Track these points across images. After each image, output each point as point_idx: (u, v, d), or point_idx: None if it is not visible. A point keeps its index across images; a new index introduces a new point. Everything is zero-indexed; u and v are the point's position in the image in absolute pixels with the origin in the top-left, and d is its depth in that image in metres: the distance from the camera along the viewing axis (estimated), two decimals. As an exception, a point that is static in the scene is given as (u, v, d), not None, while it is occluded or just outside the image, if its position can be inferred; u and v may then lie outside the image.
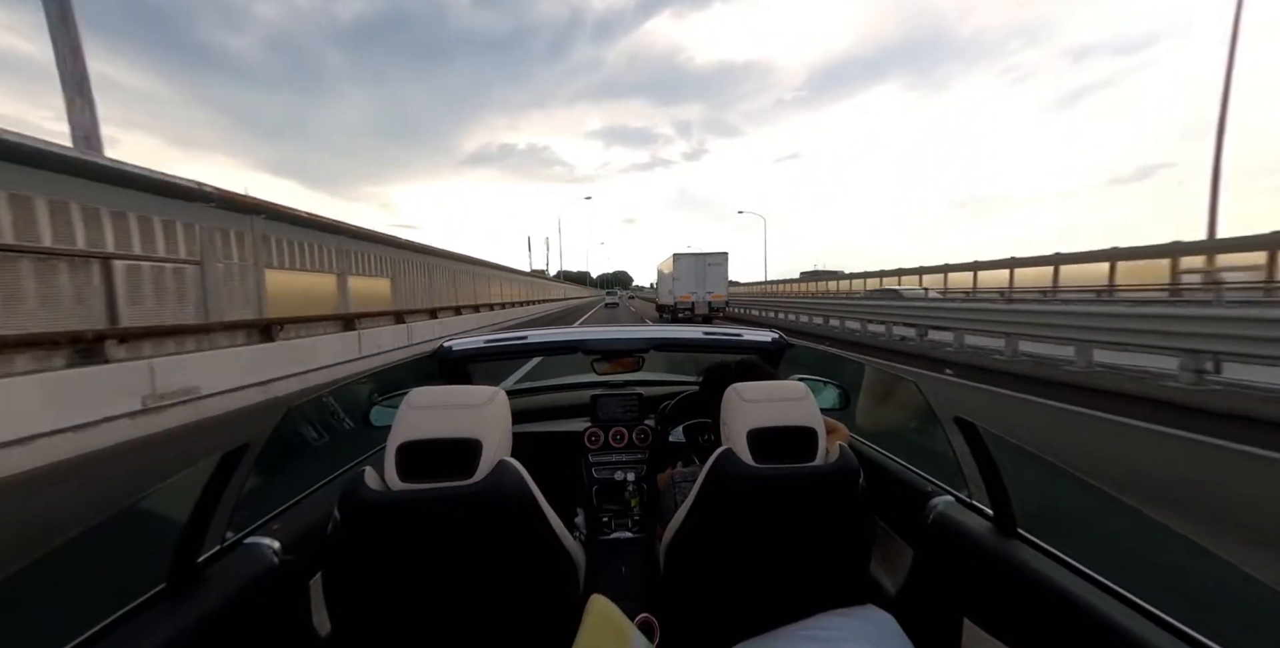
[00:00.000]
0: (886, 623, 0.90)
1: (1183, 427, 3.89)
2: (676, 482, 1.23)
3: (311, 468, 1.22)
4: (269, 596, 0.84)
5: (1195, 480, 2.89)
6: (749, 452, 0.94)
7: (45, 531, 2.58)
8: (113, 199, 5.08)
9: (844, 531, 0.99)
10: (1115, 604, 0.67)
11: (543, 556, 0.90)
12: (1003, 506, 0.86)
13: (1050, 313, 6.30)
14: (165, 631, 0.67)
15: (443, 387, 0.93)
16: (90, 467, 3.65)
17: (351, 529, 0.83)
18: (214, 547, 0.84)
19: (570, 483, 1.64)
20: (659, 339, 1.57)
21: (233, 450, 0.75)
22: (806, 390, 1.00)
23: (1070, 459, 2.62)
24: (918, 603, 1.00)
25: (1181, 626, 0.62)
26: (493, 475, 0.85)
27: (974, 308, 7.78)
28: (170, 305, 5.54)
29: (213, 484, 0.73)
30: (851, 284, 25.74)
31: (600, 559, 1.43)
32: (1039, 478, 0.97)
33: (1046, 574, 0.75)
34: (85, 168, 4.69)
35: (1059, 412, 4.51)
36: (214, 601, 0.74)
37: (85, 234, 4.79)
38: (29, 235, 4.38)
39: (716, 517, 0.96)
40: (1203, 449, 3.44)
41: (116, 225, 5.10)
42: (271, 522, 0.95)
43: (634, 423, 1.71)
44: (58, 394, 3.82)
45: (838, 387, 1.56)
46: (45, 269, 4.48)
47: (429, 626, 0.90)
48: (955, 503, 1.00)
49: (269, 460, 0.97)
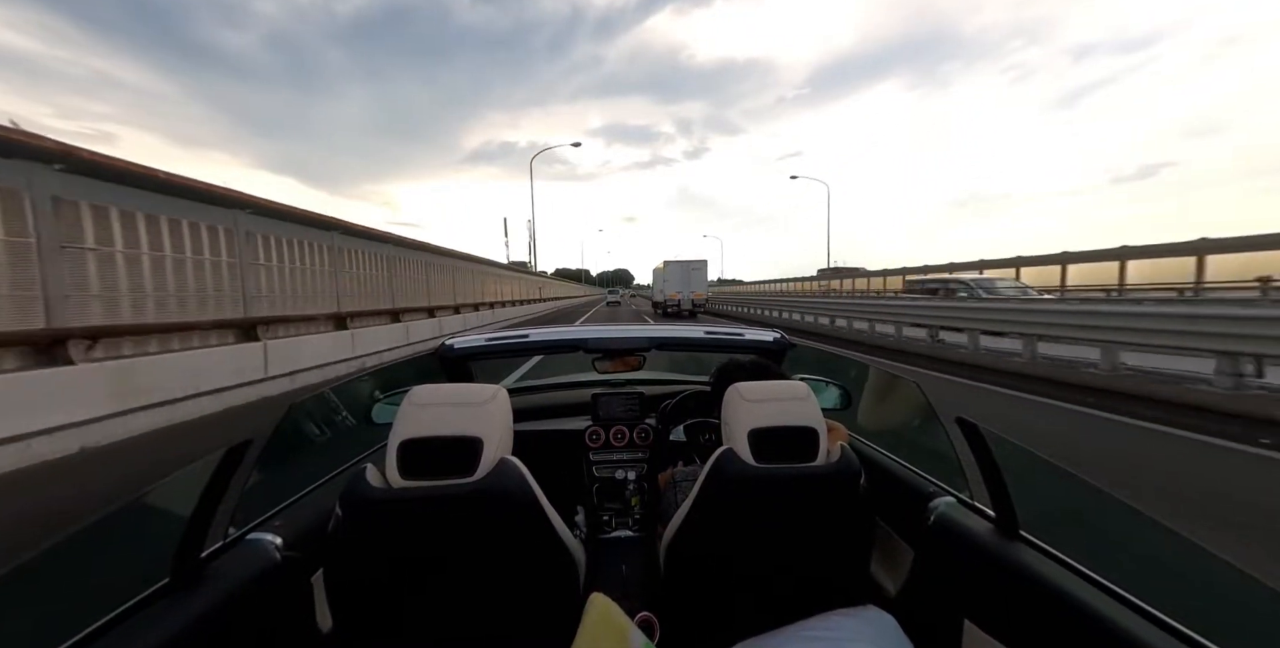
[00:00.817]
0: (887, 624, 0.90)
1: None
2: (677, 481, 1.23)
3: (314, 464, 1.22)
4: (271, 592, 0.85)
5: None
6: (750, 451, 0.94)
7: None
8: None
9: (845, 531, 0.99)
10: (1118, 607, 0.66)
11: (543, 554, 0.91)
12: (1005, 507, 0.86)
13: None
14: (169, 626, 0.67)
15: (444, 385, 0.93)
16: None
17: (353, 526, 0.83)
18: (217, 542, 0.84)
19: (571, 481, 1.64)
20: (660, 338, 1.57)
21: (236, 446, 0.75)
22: (808, 390, 1.00)
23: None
24: (918, 604, 1.00)
25: (1185, 629, 0.61)
26: (494, 474, 0.85)
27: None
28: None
29: (216, 480, 0.74)
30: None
31: (600, 558, 1.44)
32: (1042, 479, 0.96)
33: (1049, 576, 0.74)
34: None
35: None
36: (217, 596, 0.75)
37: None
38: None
39: (717, 516, 0.96)
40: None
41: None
42: (274, 518, 0.96)
43: (635, 422, 1.71)
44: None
45: (839, 387, 1.56)
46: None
47: (429, 623, 0.90)
48: (957, 504, 0.99)
49: (272, 457, 0.97)
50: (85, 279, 4.63)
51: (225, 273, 6.38)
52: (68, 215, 4.52)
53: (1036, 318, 6.68)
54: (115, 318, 4.84)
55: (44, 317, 4.21)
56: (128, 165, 4.91)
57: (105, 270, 4.84)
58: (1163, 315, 5.16)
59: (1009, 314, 7.24)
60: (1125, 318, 5.49)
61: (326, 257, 8.73)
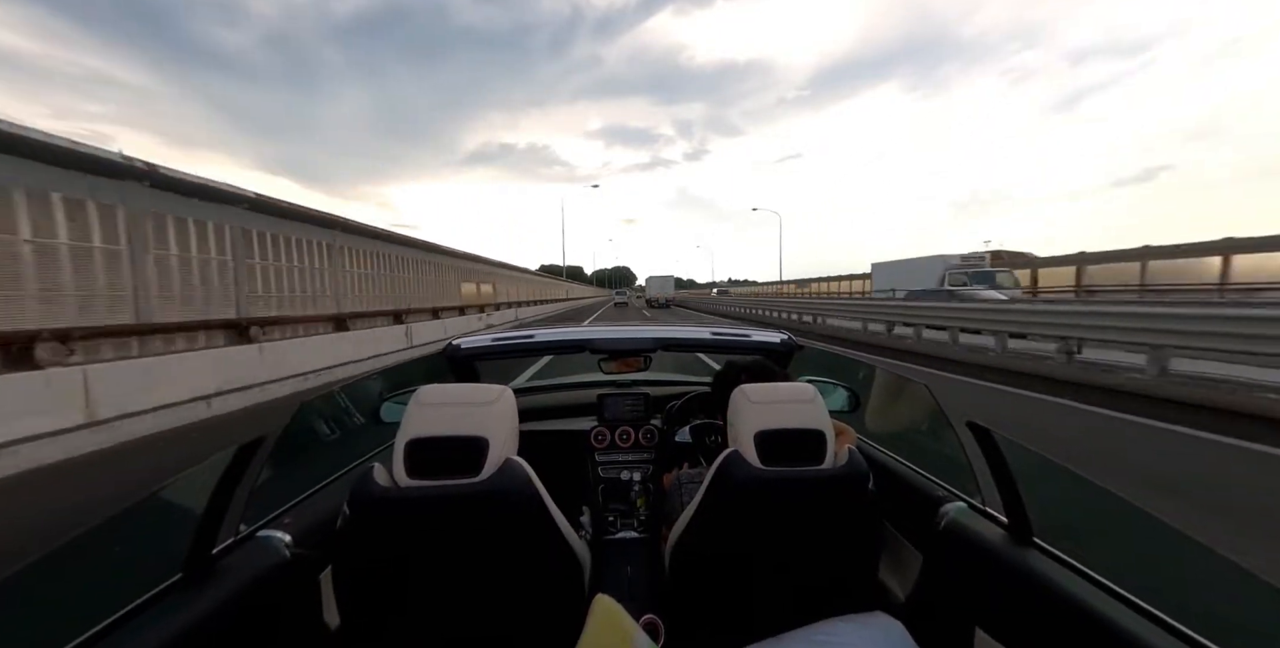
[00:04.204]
0: (895, 630, 0.89)
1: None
2: (683, 482, 1.22)
3: (323, 463, 1.24)
4: (280, 588, 0.86)
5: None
6: (756, 454, 0.93)
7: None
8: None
9: (852, 535, 0.97)
10: (1135, 618, 0.65)
11: (548, 554, 0.91)
12: (1018, 512, 0.84)
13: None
14: (182, 620, 0.68)
15: (451, 385, 0.93)
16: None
17: (360, 525, 0.84)
18: (228, 539, 0.85)
19: (576, 482, 1.64)
20: (666, 339, 1.57)
21: (248, 444, 0.76)
22: (815, 393, 0.99)
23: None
24: (927, 611, 0.99)
25: (1205, 641, 0.60)
26: (499, 474, 0.85)
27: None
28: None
29: (228, 477, 0.75)
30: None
31: (605, 559, 1.43)
32: (1055, 485, 0.94)
33: (1063, 585, 0.73)
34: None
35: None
36: (228, 592, 0.76)
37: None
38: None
39: (722, 519, 0.95)
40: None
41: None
42: (284, 516, 0.97)
43: (640, 423, 1.71)
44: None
45: (847, 389, 1.55)
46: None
47: (434, 622, 0.90)
48: (967, 509, 0.98)
49: (282, 455, 0.99)
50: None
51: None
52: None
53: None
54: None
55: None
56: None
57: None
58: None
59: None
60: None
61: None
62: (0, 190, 4.11)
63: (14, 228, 4.18)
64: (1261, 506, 2.61)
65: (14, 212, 4.16)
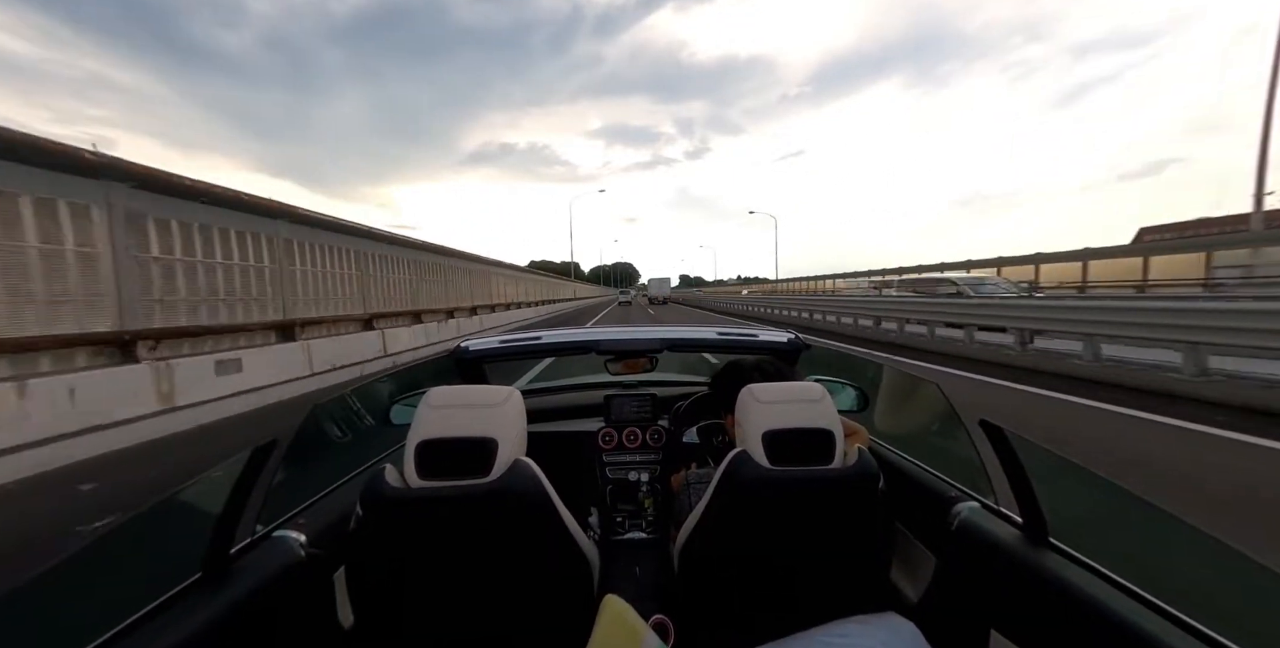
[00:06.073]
0: (908, 632, 0.88)
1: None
2: (690, 483, 1.22)
3: (335, 464, 1.25)
4: (296, 588, 0.87)
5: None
6: (764, 454, 0.93)
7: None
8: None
9: (863, 535, 0.97)
10: (1156, 619, 0.64)
11: (557, 554, 0.91)
12: (1033, 512, 0.83)
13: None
14: (202, 618, 0.69)
15: (460, 386, 0.94)
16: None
17: (372, 525, 0.85)
18: (245, 539, 0.86)
19: (584, 483, 1.64)
20: (672, 339, 1.56)
21: (263, 446, 0.77)
22: (824, 392, 0.99)
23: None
24: (941, 612, 0.98)
25: (1226, 642, 0.58)
26: (508, 474, 0.86)
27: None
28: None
29: (244, 478, 0.76)
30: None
31: (614, 560, 1.44)
32: (1071, 484, 0.93)
33: (1080, 585, 0.72)
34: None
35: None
36: (245, 591, 0.77)
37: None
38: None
39: (731, 519, 0.95)
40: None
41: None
42: (298, 516, 0.98)
43: (648, 423, 1.71)
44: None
45: (856, 388, 1.53)
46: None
47: (445, 622, 0.91)
48: (981, 509, 0.97)
49: (295, 456, 1.00)
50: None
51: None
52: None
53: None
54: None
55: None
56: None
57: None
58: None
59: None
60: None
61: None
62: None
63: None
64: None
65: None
